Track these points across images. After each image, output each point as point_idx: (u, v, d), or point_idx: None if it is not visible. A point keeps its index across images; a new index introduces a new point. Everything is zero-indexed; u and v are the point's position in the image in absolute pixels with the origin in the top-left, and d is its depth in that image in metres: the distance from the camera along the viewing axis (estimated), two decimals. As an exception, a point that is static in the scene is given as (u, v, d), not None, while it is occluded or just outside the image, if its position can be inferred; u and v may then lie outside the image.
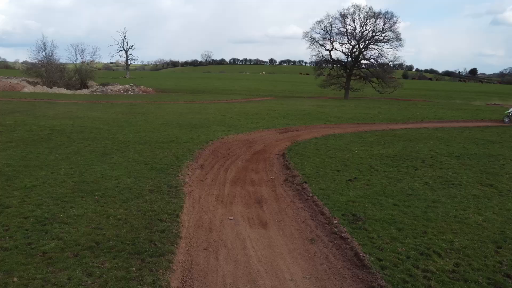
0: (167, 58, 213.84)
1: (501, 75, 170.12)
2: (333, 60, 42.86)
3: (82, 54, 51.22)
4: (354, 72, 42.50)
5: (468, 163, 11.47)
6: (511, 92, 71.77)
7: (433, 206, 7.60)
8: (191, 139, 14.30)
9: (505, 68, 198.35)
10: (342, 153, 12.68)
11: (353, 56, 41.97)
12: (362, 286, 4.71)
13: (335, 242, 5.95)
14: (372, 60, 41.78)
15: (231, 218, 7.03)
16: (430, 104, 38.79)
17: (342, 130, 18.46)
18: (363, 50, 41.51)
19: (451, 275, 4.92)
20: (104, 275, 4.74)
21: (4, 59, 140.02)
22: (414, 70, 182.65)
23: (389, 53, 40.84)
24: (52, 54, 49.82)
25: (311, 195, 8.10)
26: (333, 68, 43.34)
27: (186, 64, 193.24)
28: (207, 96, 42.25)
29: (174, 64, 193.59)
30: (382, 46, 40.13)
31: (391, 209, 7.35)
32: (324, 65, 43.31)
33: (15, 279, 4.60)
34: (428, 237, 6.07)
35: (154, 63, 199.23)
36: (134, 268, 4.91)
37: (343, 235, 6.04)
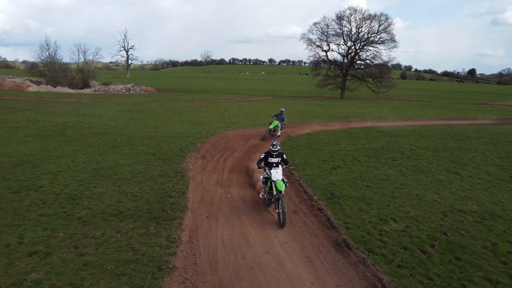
0: (167, 57, 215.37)
1: (500, 75, 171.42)
2: (330, 60, 44.27)
3: (85, 54, 52.49)
4: (350, 73, 43.91)
5: (442, 155, 12.87)
6: (506, 93, 73.18)
7: (401, 187, 8.99)
8: (193, 134, 15.67)
9: (504, 68, 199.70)
10: (330, 146, 14.07)
11: (349, 57, 43.38)
12: (329, 240, 6.10)
13: (313, 212, 7.34)
14: (367, 60, 43.15)
15: (229, 196, 8.42)
16: (423, 103, 40.20)
17: (334, 127, 19.85)
18: (358, 51, 42.93)
19: (400, 233, 6.31)
20: (129, 232, 6.12)
21: (4, 58, 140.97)
22: (413, 70, 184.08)
23: (383, 54, 42.14)
24: (55, 54, 51.13)
25: (297, 179, 9.49)
26: (329, 68, 44.74)
27: (185, 64, 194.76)
28: (207, 95, 43.60)
29: (173, 64, 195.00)
30: (377, 47, 41.55)
31: (364, 189, 8.74)
32: (321, 65, 44.70)
33: (61, 234, 5.99)
34: (389, 209, 7.46)
35: (153, 63, 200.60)
36: (152, 227, 6.30)
37: (320, 207, 7.43)
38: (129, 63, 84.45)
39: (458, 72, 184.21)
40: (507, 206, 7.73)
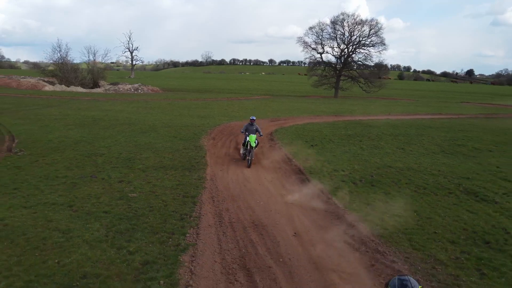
0: (167, 58, 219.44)
1: (497, 76, 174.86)
2: (324, 62, 48.13)
3: (94, 55, 56.29)
4: (343, 73, 47.74)
5: (399, 138, 16.66)
6: (496, 92, 76.96)
7: (356, 156, 12.79)
8: (203, 124, 19.46)
9: (501, 69, 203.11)
10: (314, 133, 17.87)
11: (342, 59, 47.24)
12: (297, 177, 9.89)
13: (291, 167, 11.14)
14: (359, 62, 46.98)
15: (234, 159, 12.21)
16: (409, 102, 44.01)
17: (321, 120, 23.63)
18: (351, 53, 46.79)
19: (343, 176, 10.07)
20: (174, 174, 9.91)
21: (8, 58, 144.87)
22: (412, 71, 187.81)
23: (374, 56, 45.97)
24: (66, 55, 55.03)
25: (284, 151, 13.28)
26: (324, 69, 48.58)
27: (186, 64, 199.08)
28: (210, 94, 47.41)
29: (174, 64, 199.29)
30: (368, 49, 45.41)
31: (330, 157, 12.53)
32: (316, 66, 48.56)
33: (132, 175, 9.77)
34: (343, 165, 11.25)
35: (154, 63, 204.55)
36: (187, 172, 10.09)
37: (296, 164, 11.22)
38: (133, 63, 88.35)
39: (456, 73, 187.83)
40: (423, 164, 11.52)
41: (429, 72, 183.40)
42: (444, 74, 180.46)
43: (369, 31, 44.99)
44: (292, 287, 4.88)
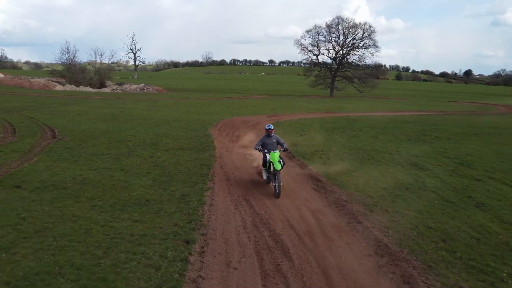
0: (167, 58, 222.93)
1: (496, 76, 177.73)
2: (320, 63, 51.31)
3: (101, 57, 59.41)
4: (338, 74, 50.90)
5: (377, 130, 19.76)
6: (487, 92, 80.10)
7: (337, 142, 15.89)
8: (208, 119, 22.56)
9: (499, 69, 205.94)
10: (304, 126, 20.98)
11: (337, 60, 50.39)
12: (286, 155, 13.00)
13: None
14: (353, 63, 50.14)
15: (237, 145, 15.33)
16: (399, 101, 47.14)
17: (314, 116, 26.75)
18: (345, 55, 49.94)
19: (322, 155, 13.19)
20: (190, 154, 13.02)
21: (11, 59, 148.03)
22: (411, 71, 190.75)
23: (367, 58, 49.18)
24: (74, 56, 58.20)
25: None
26: (320, 70, 51.74)
27: (187, 64, 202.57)
28: (211, 94, 50.56)
29: (175, 64, 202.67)
30: (361, 51, 48.58)
31: (315, 143, 15.63)
32: (313, 67, 51.73)
33: (159, 153, 12.88)
34: (323, 148, 14.34)
35: (155, 64, 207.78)
36: (200, 152, 13.21)
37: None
38: (137, 64, 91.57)
39: (455, 73, 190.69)
40: (386, 148, 14.64)
41: (427, 73, 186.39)
42: (443, 75, 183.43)
43: (363, 34, 48.18)
44: (275, 205, 7.97)
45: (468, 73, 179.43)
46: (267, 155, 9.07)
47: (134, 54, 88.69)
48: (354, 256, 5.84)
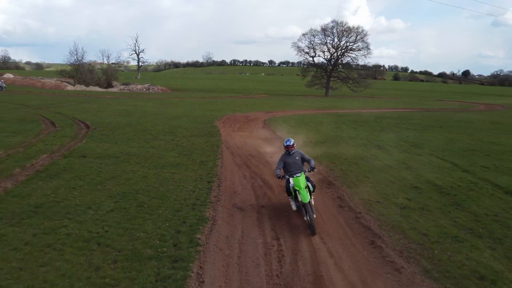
0: (168, 58, 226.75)
1: (494, 76, 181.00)
2: (316, 64, 55.01)
3: (108, 58, 63.05)
4: (333, 75, 54.59)
5: (358, 123, 23.38)
6: (478, 92, 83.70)
7: (320, 131, 19.50)
8: (213, 115, 26.18)
9: (497, 69, 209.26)
10: (296, 120, 24.60)
11: (332, 62, 54.09)
12: (278, 140, 16.64)
13: (274, 136, 17.88)
14: (347, 64, 53.84)
15: (240, 134, 18.95)
16: (388, 100, 50.80)
17: (306, 112, 30.39)
18: (340, 56, 53.63)
19: (305, 140, 16.81)
20: (201, 139, 16.65)
21: (14, 59, 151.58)
22: (409, 71, 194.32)
23: (360, 59, 52.95)
24: (82, 58, 61.88)
25: (271, 129, 20.02)
26: (316, 71, 55.44)
27: (187, 65, 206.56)
28: (213, 93, 54.22)
29: (175, 65, 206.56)
30: (354, 54, 52.28)
31: (301, 131, 19.24)
32: (309, 68, 55.46)
33: (178, 138, 16.51)
34: (307, 135, 17.94)
35: (155, 64, 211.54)
36: (210, 137, 16.83)
37: (279, 135, 17.95)
38: (140, 65, 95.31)
39: (453, 73, 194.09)
40: (359, 135, 18.25)
41: (426, 73, 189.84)
42: (441, 75, 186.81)
43: (356, 37, 51.88)
44: (267, 168, 11.56)
45: (466, 73, 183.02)
46: (290, 180, 7.48)
47: (138, 55, 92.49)
48: (320, 198, 9.45)
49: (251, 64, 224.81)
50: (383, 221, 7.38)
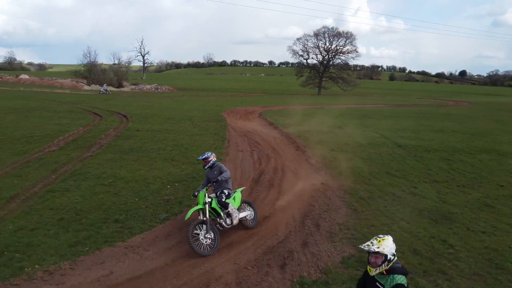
0: (168, 59, 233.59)
1: (489, 76, 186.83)
2: (310, 66, 61.55)
3: (119, 60, 69.58)
4: (325, 75, 61.12)
5: (334, 113, 29.82)
6: (460, 91, 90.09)
7: (305, 121, 25.96)
8: (218, 109, 32.65)
9: (492, 70, 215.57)
10: (287, 112, 31.04)
11: (324, 63, 60.62)
12: (270, 126, 23.08)
13: (267, 122, 24.34)
14: (338, 65, 60.41)
15: (241, 121, 25.43)
16: (375, 98, 57.28)
17: (297, 107, 36.85)
18: (331, 58, 60.16)
19: (296, 125, 23.26)
20: (212, 123, 23.11)
21: (19, 60, 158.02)
22: (407, 71, 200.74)
23: (349, 61, 59.56)
24: (95, 59, 68.39)
25: (267, 119, 26.49)
26: (310, 72, 61.98)
27: (188, 65, 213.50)
28: (216, 92, 60.70)
29: (176, 65, 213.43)
30: (344, 56, 58.84)
31: (289, 119, 25.69)
32: (303, 69, 62.04)
33: (191, 123, 23.00)
34: (293, 122, 24.38)
35: (156, 64, 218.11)
36: (218, 122, 23.30)
37: (270, 122, 24.41)
38: (145, 66, 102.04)
39: (451, 73, 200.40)
40: (328, 122, 24.70)
41: (423, 73, 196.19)
42: (438, 75, 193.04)
43: (345, 41, 58.42)
44: (261, 137, 17.99)
45: (462, 73, 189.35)
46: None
47: (143, 56, 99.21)
48: (285, 147, 15.91)
49: (251, 65, 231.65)
50: (318, 155, 13.88)
